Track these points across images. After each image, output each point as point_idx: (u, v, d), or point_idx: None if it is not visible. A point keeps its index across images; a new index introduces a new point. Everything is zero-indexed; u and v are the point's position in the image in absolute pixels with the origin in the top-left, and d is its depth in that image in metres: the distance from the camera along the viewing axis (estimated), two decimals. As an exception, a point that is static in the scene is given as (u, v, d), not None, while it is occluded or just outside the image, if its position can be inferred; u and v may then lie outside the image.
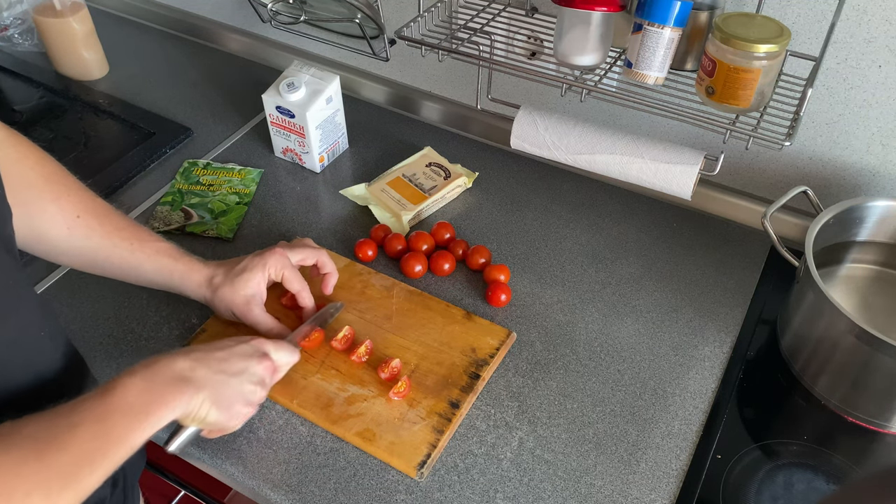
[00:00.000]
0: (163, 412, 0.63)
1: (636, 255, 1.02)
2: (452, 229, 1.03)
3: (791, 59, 0.90)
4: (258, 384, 0.73)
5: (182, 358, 0.67)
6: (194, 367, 0.67)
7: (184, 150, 1.19)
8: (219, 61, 1.39)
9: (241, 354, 0.73)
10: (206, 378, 0.68)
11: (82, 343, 0.90)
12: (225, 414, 0.70)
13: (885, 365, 0.77)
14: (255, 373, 0.73)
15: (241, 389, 0.71)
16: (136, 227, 0.83)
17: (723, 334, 0.92)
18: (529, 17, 1.00)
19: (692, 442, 0.81)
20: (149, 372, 0.64)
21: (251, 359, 0.73)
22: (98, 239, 0.79)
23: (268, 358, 0.75)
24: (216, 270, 0.85)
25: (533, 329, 0.92)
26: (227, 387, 0.70)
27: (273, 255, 0.86)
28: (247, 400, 0.72)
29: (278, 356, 0.77)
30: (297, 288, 0.88)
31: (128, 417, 0.60)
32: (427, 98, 1.24)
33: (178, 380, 0.66)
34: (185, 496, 1.01)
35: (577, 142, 0.97)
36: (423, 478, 0.78)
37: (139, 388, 0.62)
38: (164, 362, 0.66)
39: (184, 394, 0.65)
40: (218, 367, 0.70)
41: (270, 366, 0.75)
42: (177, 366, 0.66)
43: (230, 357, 0.71)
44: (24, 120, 1.25)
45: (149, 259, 0.82)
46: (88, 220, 0.78)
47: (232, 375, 0.70)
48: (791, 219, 1.02)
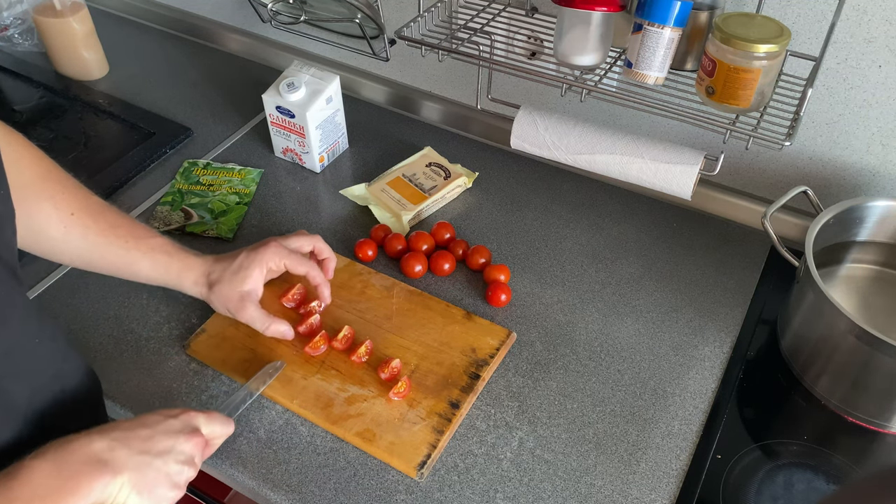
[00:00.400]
0: (75, 498, 0.57)
1: (636, 255, 1.02)
2: (452, 229, 1.03)
3: (791, 59, 0.90)
4: (186, 463, 0.67)
5: (99, 437, 0.61)
6: (113, 447, 0.61)
7: (184, 150, 1.19)
8: (219, 61, 1.39)
9: (167, 431, 0.66)
10: (126, 460, 0.61)
11: (82, 343, 0.90)
12: (147, 498, 0.63)
13: (885, 365, 0.77)
14: (182, 451, 0.66)
15: (167, 470, 0.65)
16: (131, 223, 0.82)
17: (723, 334, 0.92)
18: (529, 17, 1.00)
19: (692, 442, 0.81)
20: (60, 453, 0.58)
21: (179, 435, 0.67)
22: (93, 236, 0.78)
23: (198, 433, 0.69)
24: (213, 267, 0.84)
25: (533, 329, 0.92)
26: (151, 468, 0.63)
27: (268, 248, 0.85)
28: (173, 482, 0.65)
29: (210, 429, 0.71)
30: (304, 270, 0.87)
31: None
32: (427, 98, 1.24)
33: (93, 462, 0.59)
34: (186, 496, 1.01)
35: (577, 142, 0.97)
36: (423, 478, 0.78)
37: (47, 473, 0.56)
38: (79, 442, 0.60)
39: (100, 478, 0.59)
40: (141, 447, 0.63)
41: (201, 441, 0.69)
42: (93, 446, 0.60)
43: (155, 435, 0.65)
44: (24, 120, 1.25)
45: (144, 256, 0.81)
46: (83, 217, 0.77)
47: (156, 456, 0.64)
48: (791, 219, 1.02)
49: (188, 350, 0.89)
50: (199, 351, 0.88)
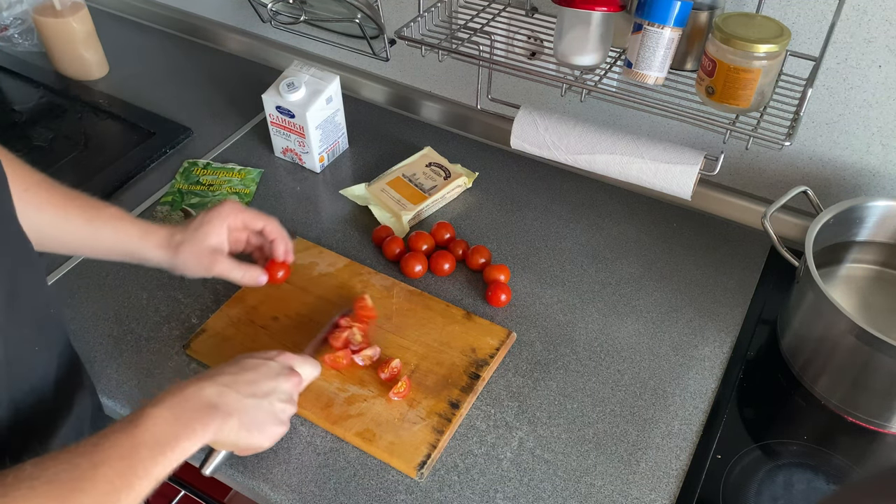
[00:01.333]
0: (191, 443, 0.61)
1: (636, 255, 1.02)
2: (452, 229, 1.03)
3: (791, 59, 0.90)
4: (287, 402, 0.72)
5: (209, 384, 0.66)
6: (223, 392, 0.66)
7: (184, 150, 1.19)
8: (219, 61, 1.39)
9: (268, 374, 0.71)
10: (235, 403, 0.66)
11: (82, 343, 0.90)
12: (258, 436, 0.69)
13: (885, 365, 0.77)
14: (284, 391, 0.72)
15: (272, 409, 0.70)
16: (86, 196, 0.81)
17: (723, 334, 0.92)
18: (529, 17, 1.00)
19: (692, 442, 0.81)
20: (176, 401, 0.62)
21: (279, 377, 0.72)
22: (52, 209, 0.77)
23: (295, 373, 0.74)
24: (174, 230, 0.83)
25: (533, 329, 0.92)
26: (259, 409, 0.68)
27: (224, 204, 0.85)
28: (278, 419, 0.71)
29: (303, 370, 0.76)
30: (261, 224, 0.87)
31: (154, 451, 0.58)
32: (427, 98, 1.24)
33: (206, 407, 0.64)
34: (185, 496, 1.01)
35: (577, 142, 0.97)
36: (423, 478, 0.78)
37: (166, 420, 0.60)
38: (191, 390, 0.64)
39: (213, 422, 0.64)
40: (248, 391, 0.68)
41: (298, 380, 0.74)
42: (205, 393, 0.65)
43: (259, 378, 0.70)
44: (24, 120, 1.25)
45: (106, 225, 0.80)
46: (38, 192, 0.76)
47: (262, 398, 0.69)
48: (791, 219, 1.02)
49: (188, 350, 0.89)
50: (198, 351, 0.88)
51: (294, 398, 0.73)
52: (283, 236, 0.89)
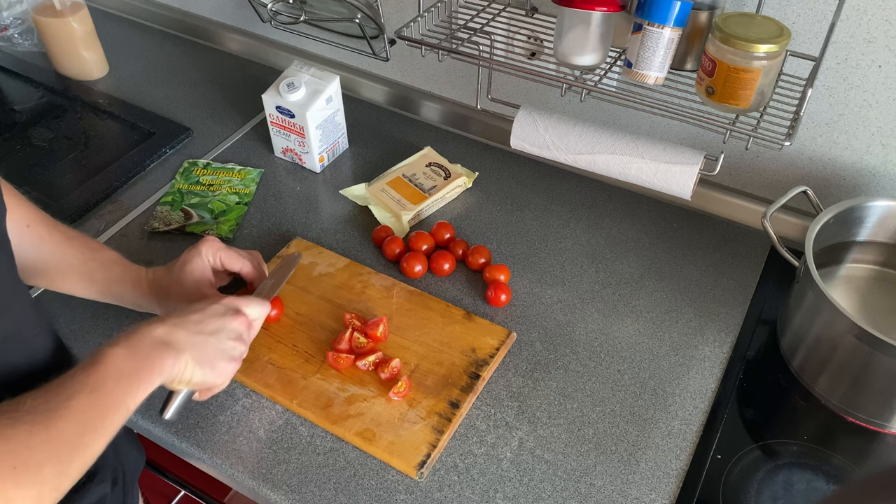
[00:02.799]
0: (152, 375, 0.65)
1: (636, 255, 1.02)
2: (452, 229, 1.03)
3: (791, 59, 0.90)
4: (236, 339, 0.75)
5: (159, 324, 0.68)
6: (172, 330, 0.69)
7: (184, 150, 1.19)
8: (219, 61, 1.39)
9: (215, 314, 0.74)
10: (185, 340, 0.69)
11: (82, 343, 0.90)
12: (210, 372, 0.71)
13: (885, 365, 0.77)
14: (232, 329, 0.74)
15: (222, 346, 0.73)
16: (84, 237, 0.83)
17: (723, 334, 0.92)
18: (529, 17, 1.00)
19: (692, 442, 0.81)
20: (131, 340, 0.65)
21: (225, 316, 0.75)
22: (49, 247, 0.79)
23: (241, 314, 0.77)
24: (160, 274, 0.86)
25: (533, 329, 0.92)
26: (208, 346, 0.71)
27: (204, 242, 0.87)
28: (229, 356, 0.74)
29: (251, 310, 0.78)
30: (238, 266, 0.89)
31: (120, 384, 0.61)
32: (427, 98, 1.24)
33: (159, 344, 0.67)
34: (185, 496, 1.01)
35: (577, 142, 0.97)
36: (423, 478, 0.78)
37: (125, 356, 0.63)
38: (143, 329, 0.67)
39: (167, 356, 0.67)
40: (195, 329, 0.71)
41: (245, 320, 0.77)
42: (156, 331, 0.67)
43: (205, 318, 0.73)
44: (24, 120, 1.25)
45: (101, 268, 0.83)
46: (39, 229, 0.78)
47: (210, 335, 0.72)
48: (791, 219, 1.02)
49: (188, 350, 0.88)
50: (199, 351, 0.88)
51: (244, 337, 0.76)
52: (262, 277, 0.90)
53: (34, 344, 0.67)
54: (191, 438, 0.81)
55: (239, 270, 0.89)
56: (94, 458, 0.58)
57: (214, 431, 0.82)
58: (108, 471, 0.74)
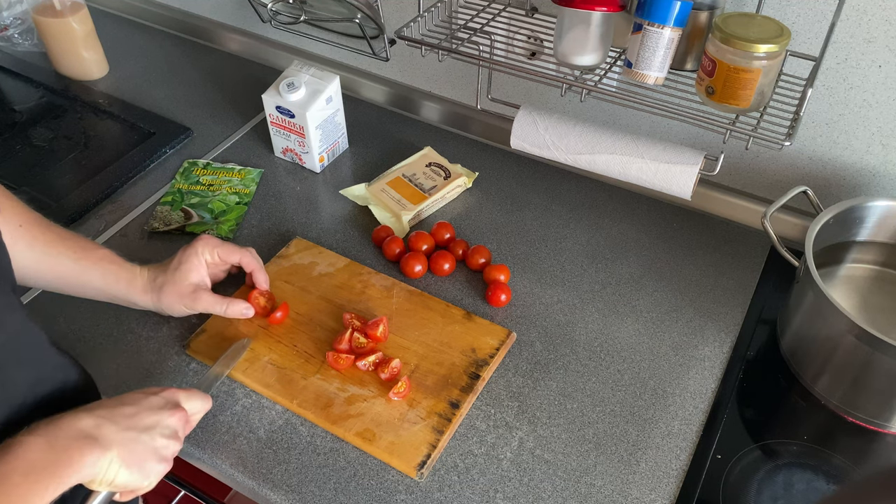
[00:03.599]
0: (68, 472, 0.59)
1: (636, 255, 1.02)
2: (452, 229, 1.03)
3: (791, 59, 0.90)
4: (171, 437, 0.69)
5: (86, 415, 0.63)
6: (101, 423, 0.63)
7: (184, 150, 1.19)
8: (219, 61, 1.39)
9: (151, 408, 0.68)
10: (113, 436, 0.63)
11: (82, 343, 0.90)
12: (137, 473, 0.65)
13: (885, 365, 0.77)
14: (167, 425, 0.68)
15: (154, 445, 0.67)
16: (78, 237, 0.83)
17: (723, 334, 0.92)
18: (529, 17, 1.00)
19: (692, 442, 0.81)
20: (51, 429, 0.60)
21: (163, 411, 0.69)
22: (41, 247, 0.78)
23: (180, 408, 0.71)
24: (155, 272, 0.86)
25: (533, 329, 0.92)
26: (138, 443, 0.65)
27: (198, 241, 0.87)
28: (160, 456, 0.67)
29: (191, 405, 0.73)
30: (238, 257, 0.89)
31: (28, 478, 0.56)
32: (427, 98, 1.24)
33: (83, 438, 0.61)
34: (185, 496, 1.01)
35: (577, 142, 0.97)
36: (423, 478, 0.78)
37: (40, 447, 0.58)
38: (67, 420, 0.62)
39: (90, 453, 0.61)
40: (127, 424, 0.65)
41: (184, 415, 0.71)
42: (81, 423, 0.62)
43: (140, 411, 0.67)
44: (24, 120, 1.25)
45: (95, 266, 0.82)
46: (31, 229, 0.77)
47: (142, 431, 0.66)
48: (791, 219, 1.02)
49: (188, 350, 0.88)
50: (199, 351, 0.88)
51: (179, 434, 0.70)
52: (260, 267, 0.91)
53: (41, 343, 0.66)
54: (191, 438, 0.81)
55: (238, 261, 0.90)
56: None
57: (214, 431, 0.82)
58: None
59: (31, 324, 0.65)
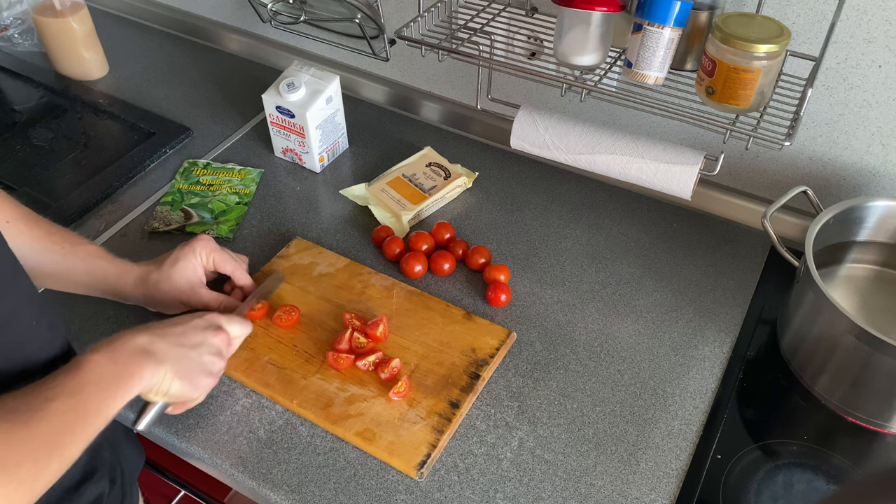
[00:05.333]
0: (131, 383, 0.65)
1: (636, 255, 1.02)
2: (452, 229, 1.03)
3: (791, 59, 0.90)
4: (216, 355, 0.76)
5: (141, 333, 0.69)
6: (154, 341, 0.69)
7: (184, 150, 1.19)
8: (219, 61, 1.39)
9: (196, 328, 0.75)
10: (166, 351, 0.70)
11: (82, 343, 0.90)
12: (188, 385, 0.72)
13: (885, 365, 0.77)
14: (212, 344, 0.75)
15: (201, 360, 0.74)
16: (66, 232, 0.83)
17: (723, 334, 0.92)
18: (529, 17, 1.00)
19: (692, 442, 0.81)
20: (112, 347, 0.66)
21: (207, 331, 0.76)
22: (29, 243, 0.79)
23: (222, 330, 0.78)
24: (149, 268, 0.86)
25: (533, 329, 0.92)
26: (188, 359, 0.72)
27: (198, 240, 0.88)
28: (207, 370, 0.74)
29: (231, 328, 0.80)
30: (231, 269, 0.89)
31: (100, 389, 0.62)
32: (427, 98, 1.24)
33: (140, 353, 0.67)
34: (185, 496, 1.01)
35: (577, 142, 0.97)
36: (423, 478, 0.78)
37: (105, 362, 0.64)
38: (125, 338, 0.67)
39: (147, 366, 0.67)
40: (176, 341, 0.72)
41: (226, 337, 0.78)
42: (137, 340, 0.68)
43: (187, 331, 0.74)
44: (24, 120, 1.25)
45: (82, 261, 0.82)
46: (18, 224, 0.78)
47: (191, 348, 0.73)
48: (791, 219, 1.02)
49: (188, 350, 0.88)
50: (199, 351, 0.88)
51: (223, 353, 0.77)
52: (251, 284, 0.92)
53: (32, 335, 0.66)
54: (191, 438, 0.81)
55: (230, 273, 0.90)
56: (70, 461, 0.58)
57: (214, 431, 0.82)
58: (105, 469, 0.74)
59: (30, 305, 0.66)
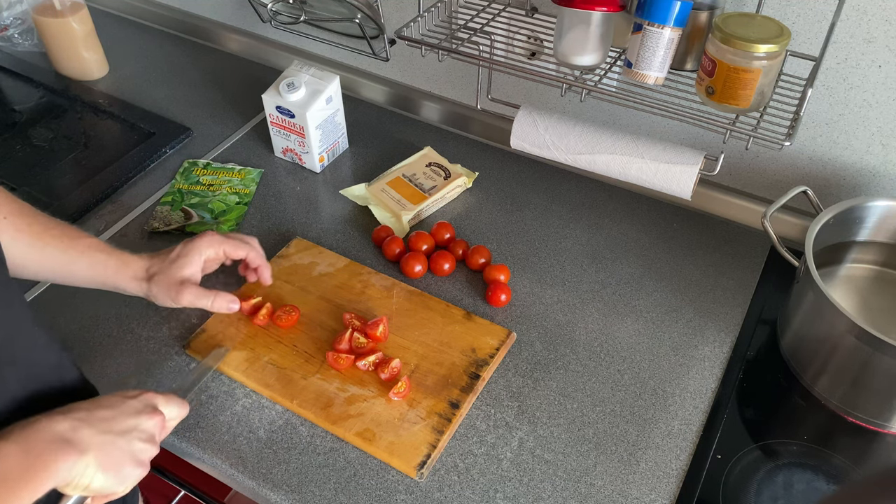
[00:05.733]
0: (42, 479, 0.58)
1: (636, 255, 1.02)
2: (452, 229, 1.03)
3: (791, 59, 0.90)
4: (148, 441, 0.67)
5: (62, 418, 0.61)
6: (77, 427, 0.62)
7: (184, 150, 1.19)
8: (219, 61, 1.39)
9: (128, 411, 0.67)
10: (90, 439, 0.62)
11: (82, 343, 0.90)
12: (113, 478, 0.64)
13: (885, 365, 0.77)
14: (145, 429, 0.67)
15: (131, 449, 0.65)
16: (65, 225, 0.81)
17: (723, 334, 0.92)
18: (529, 17, 1.00)
19: (692, 442, 0.81)
20: (25, 433, 0.59)
21: (140, 415, 0.67)
22: (27, 239, 0.77)
23: (158, 412, 0.70)
24: (151, 261, 0.84)
25: (533, 329, 0.92)
26: (115, 447, 0.64)
27: (204, 236, 0.86)
28: (137, 460, 0.66)
29: (168, 410, 0.72)
30: (244, 252, 0.88)
31: (3, 487, 0.55)
32: (427, 98, 1.24)
33: (59, 441, 0.60)
34: (185, 496, 1.01)
35: (577, 142, 0.97)
36: (423, 478, 0.78)
37: (15, 454, 0.57)
38: (42, 423, 0.60)
39: (66, 458, 0.60)
40: (104, 427, 0.64)
41: (161, 420, 0.70)
42: (57, 427, 0.60)
43: (117, 415, 0.66)
44: (24, 120, 1.25)
45: (82, 255, 0.80)
46: (16, 220, 0.76)
47: (119, 435, 0.65)
48: (791, 219, 1.02)
49: (188, 350, 0.89)
50: (198, 351, 0.88)
51: (156, 438, 0.69)
52: (265, 263, 0.90)
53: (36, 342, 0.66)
54: (191, 438, 0.81)
55: (244, 257, 0.89)
56: None
57: (214, 431, 0.82)
58: None
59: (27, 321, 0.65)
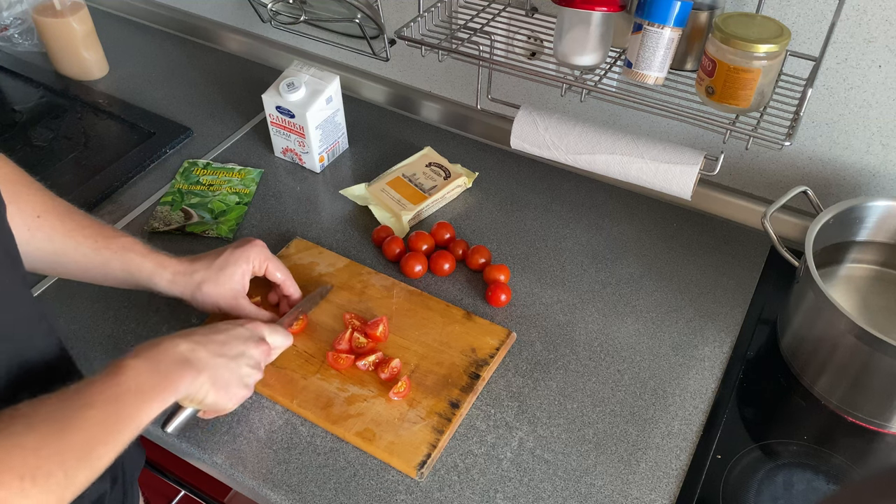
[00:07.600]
0: (169, 393, 0.65)
1: (636, 255, 1.02)
2: (452, 229, 1.03)
3: (791, 59, 0.90)
4: (254, 367, 0.75)
5: (183, 340, 0.69)
6: (195, 349, 0.69)
7: (184, 150, 1.19)
8: (219, 61, 1.39)
9: (239, 338, 0.74)
10: (206, 360, 0.70)
11: (82, 343, 0.90)
12: (223, 396, 0.72)
13: (885, 365, 0.77)
14: (252, 356, 0.75)
15: (239, 372, 0.73)
16: (99, 224, 0.81)
17: (723, 334, 0.92)
18: (529, 17, 1.00)
19: (692, 442, 0.81)
20: (153, 353, 0.66)
21: (248, 342, 0.75)
22: (60, 238, 0.77)
23: (264, 342, 0.77)
24: (194, 266, 0.83)
25: (533, 329, 0.92)
26: (226, 369, 0.72)
27: (254, 246, 0.86)
28: (244, 382, 0.74)
29: (273, 340, 0.79)
30: (282, 278, 0.88)
31: (138, 398, 0.62)
32: (427, 98, 1.24)
33: (180, 362, 0.67)
34: (185, 496, 1.01)
35: (577, 142, 0.97)
36: (423, 478, 0.78)
37: (146, 370, 0.64)
38: (167, 344, 0.68)
39: (186, 375, 0.67)
40: (217, 351, 0.71)
41: (266, 349, 0.77)
42: (179, 348, 0.68)
43: (229, 340, 0.73)
44: (24, 120, 1.25)
45: (115, 256, 0.80)
46: (50, 219, 0.76)
47: (231, 359, 0.72)
48: (791, 219, 1.02)
49: (188, 350, 0.88)
50: (199, 351, 0.88)
51: (261, 365, 0.77)
52: (297, 292, 0.90)
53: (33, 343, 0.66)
54: (191, 438, 0.81)
55: (280, 283, 0.89)
56: (100, 472, 0.58)
57: (214, 431, 0.82)
58: (107, 468, 0.74)
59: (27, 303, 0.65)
